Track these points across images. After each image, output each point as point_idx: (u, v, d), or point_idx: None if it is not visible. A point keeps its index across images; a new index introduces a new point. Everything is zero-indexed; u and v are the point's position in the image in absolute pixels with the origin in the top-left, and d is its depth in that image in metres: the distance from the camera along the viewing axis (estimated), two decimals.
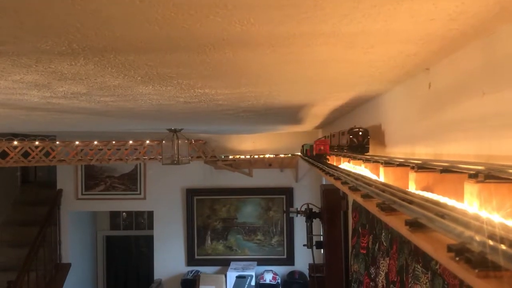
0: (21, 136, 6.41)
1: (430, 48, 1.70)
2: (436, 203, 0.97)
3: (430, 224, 0.83)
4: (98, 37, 1.36)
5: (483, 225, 0.68)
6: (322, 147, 3.25)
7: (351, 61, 1.88)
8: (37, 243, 7.52)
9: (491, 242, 0.61)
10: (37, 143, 6.35)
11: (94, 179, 8.38)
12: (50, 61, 1.75)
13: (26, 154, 6.32)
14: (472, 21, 1.35)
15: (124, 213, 9.64)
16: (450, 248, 0.68)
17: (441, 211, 0.86)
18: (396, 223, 0.99)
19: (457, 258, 0.66)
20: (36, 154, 6.35)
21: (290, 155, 7.74)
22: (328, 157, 3.22)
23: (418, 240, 0.83)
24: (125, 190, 8.37)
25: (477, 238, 0.64)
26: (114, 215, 9.59)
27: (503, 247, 0.58)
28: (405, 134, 2.42)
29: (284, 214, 7.99)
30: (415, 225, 0.90)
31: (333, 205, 4.61)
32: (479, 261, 0.61)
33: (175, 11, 1.13)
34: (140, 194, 8.34)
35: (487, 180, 0.98)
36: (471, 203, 1.00)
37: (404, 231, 0.91)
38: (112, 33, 1.33)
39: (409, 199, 1.04)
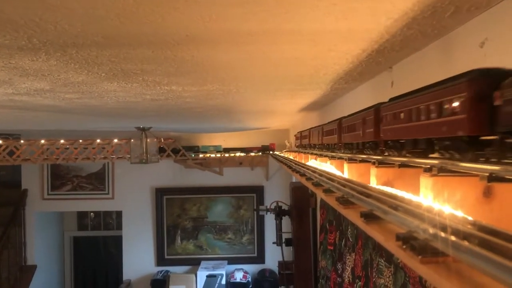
0: None
1: (392, 47, 1.75)
2: (392, 196, 1.00)
3: (384, 216, 0.86)
4: (58, 31, 1.34)
5: (430, 215, 0.71)
6: (272, 146, 7.52)
7: (315, 58, 1.91)
8: (0, 245, 7.31)
9: (434, 231, 0.63)
10: (0, 141, 6.17)
11: (61, 178, 8.20)
12: (10, 56, 1.71)
13: None
14: (429, 21, 1.39)
15: (91, 213, 9.47)
16: (398, 237, 0.71)
17: (395, 204, 0.88)
18: (352, 215, 1.02)
19: (404, 246, 0.68)
20: None
21: (260, 153, 7.76)
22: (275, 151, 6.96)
23: (372, 230, 0.86)
24: (93, 190, 8.23)
25: (423, 227, 0.67)
26: (82, 216, 9.41)
27: (443, 234, 0.61)
28: None
29: (255, 213, 8.01)
30: (369, 216, 0.93)
31: (302, 203, 4.65)
32: (423, 248, 0.64)
33: (136, 6, 1.13)
34: (108, 193, 8.21)
35: (440, 174, 1.02)
36: (426, 196, 1.03)
37: (359, 222, 0.94)
38: (72, 28, 1.31)
39: (367, 193, 1.07)
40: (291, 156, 4.49)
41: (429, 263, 0.61)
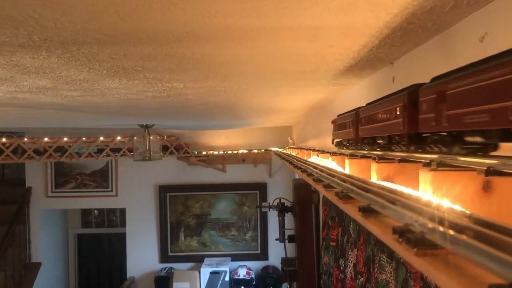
0: None
1: (393, 42, 1.74)
2: (391, 191, 1.01)
3: (382, 210, 0.86)
4: (59, 28, 1.34)
5: (427, 209, 0.71)
6: (179, 146, 7.37)
7: (316, 54, 1.91)
8: (5, 242, 7.34)
9: (429, 224, 0.64)
10: (4, 140, 6.19)
11: (64, 176, 8.22)
12: (11, 53, 1.72)
13: None
14: (429, 15, 1.39)
15: (95, 211, 9.50)
16: (394, 230, 0.72)
17: (393, 198, 0.89)
18: (351, 210, 1.02)
19: (400, 239, 0.69)
20: (3, 151, 6.19)
21: (263, 150, 7.77)
22: None
23: (370, 224, 0.86)
24: (97, 187, 8.25)
25: (419, 220, 0.67)
26: (86, 213, 9.45)
27: (439, 227, 0.61)
28: None
29: (258, 209, 8.02)
30: (367, 211, 0.93)
31: (304, 199, 4.65)
32: (418, 240, 0.64)
33: (135, 3, 1.13)
34: (111, 191, 8.23)
35: (439, 168, 1.02)
36: (425, 190, 1.03)
37: (358, 217, 0.94)
38: (72, 25, 1.31)
39: (366, 188, 1.07)
40: (293, 153, 4.50)
41: (424, 256, 0.62)
